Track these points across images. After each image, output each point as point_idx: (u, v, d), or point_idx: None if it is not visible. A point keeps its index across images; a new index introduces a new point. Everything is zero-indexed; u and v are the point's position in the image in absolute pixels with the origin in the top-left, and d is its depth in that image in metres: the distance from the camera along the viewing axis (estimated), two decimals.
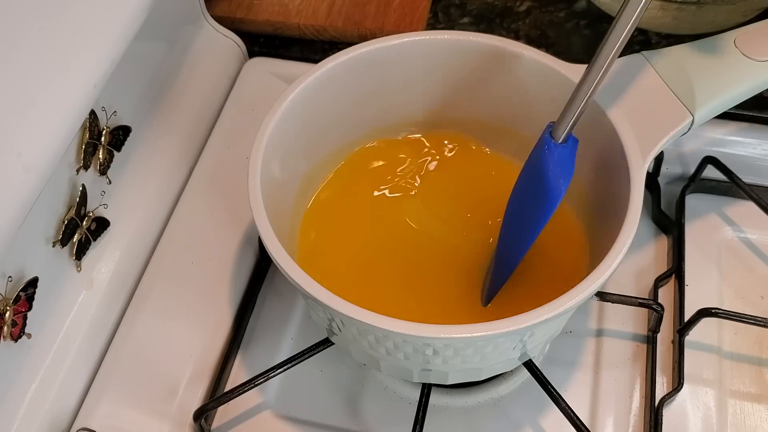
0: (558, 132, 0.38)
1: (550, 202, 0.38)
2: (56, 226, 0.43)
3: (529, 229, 0.39)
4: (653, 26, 0.57)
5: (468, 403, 0.45)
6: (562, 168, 0.38)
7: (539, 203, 0.38)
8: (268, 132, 0.41)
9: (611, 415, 0.44)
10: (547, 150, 0.38)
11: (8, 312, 0.39)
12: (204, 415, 0.43)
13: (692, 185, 0.51)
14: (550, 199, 0.38)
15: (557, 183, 0.38)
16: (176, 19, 0.53)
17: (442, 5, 0.60)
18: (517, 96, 0.45)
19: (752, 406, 0.44)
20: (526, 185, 0.40)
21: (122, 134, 0.47)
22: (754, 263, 0.49)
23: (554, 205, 0.38)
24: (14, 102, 0.34)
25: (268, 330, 0.48)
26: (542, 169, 0.38)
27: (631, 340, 0.46)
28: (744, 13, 0.55)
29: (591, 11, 0.59)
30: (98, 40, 0.39)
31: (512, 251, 0.41)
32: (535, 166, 0.39)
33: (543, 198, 0.38)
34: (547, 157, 0.38)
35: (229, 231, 0.50)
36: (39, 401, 0.43)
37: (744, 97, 0.42)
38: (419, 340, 0.35)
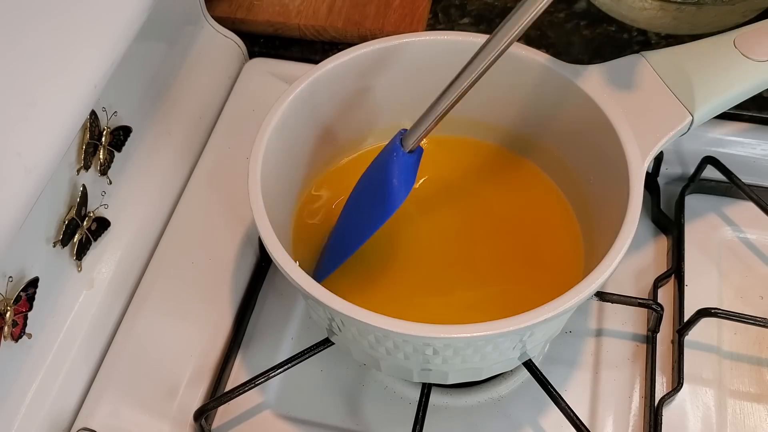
0: (408, 141, 0.39)
1: (389, 207, 0.40)
2: (57, 226, 0.43)
3: (367, 226, 0.41)
4: (653, 27, 0.57)
5: (468, 402, 0.45)
6: (406, 175, 0.40)
7: (379, 206, 0.40)
8: (268, 132, 0.41)
9: (611, 414, 0.44)
10: (395, 157, 0.39)
11: (9, 312, 0.39)
12: (204, 414, 0.43)
13: (692, 185, 0.51)
14: (390, 204, 0.40)
15: (399, 191, 0.40)
16: (176, 20, 0.53)
17: (442, 6, 0.60)
18: (517, 96, 0.45)
19: (752, 406, 0.44)
20: (370, 184, 0.42)
21: (123, 134, 0.47)
22: (753, 263, 0.49)
23: (393, 209, 0.40)
24: (15, 102, 0.34)
25: (269, 330, 0.48)
26: (387, 175, 0.40)
27: (631, 340, 0.46)
28: (743, 14, 0.55)
29: (591, 12, 0.59)
30: (99, 40, 0.39)
31: (347, 242, 0.42)
32: (381, 169, 0.40)
33: (383, 202, 0.40)
34: (393, 164, 0.39)
35: (230, 231, 0.50)
36: (39, 401, 0.43)
37: (743, 97, 0.42)
38: (419, 340, 0.35)
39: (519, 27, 0.35)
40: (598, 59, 0.42)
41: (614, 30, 0.57)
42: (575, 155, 0.45)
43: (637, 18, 0.57)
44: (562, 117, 0.44)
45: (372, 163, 0.42)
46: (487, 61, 0.37)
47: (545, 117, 0.45)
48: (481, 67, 0.37)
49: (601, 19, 0.58)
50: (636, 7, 0.56)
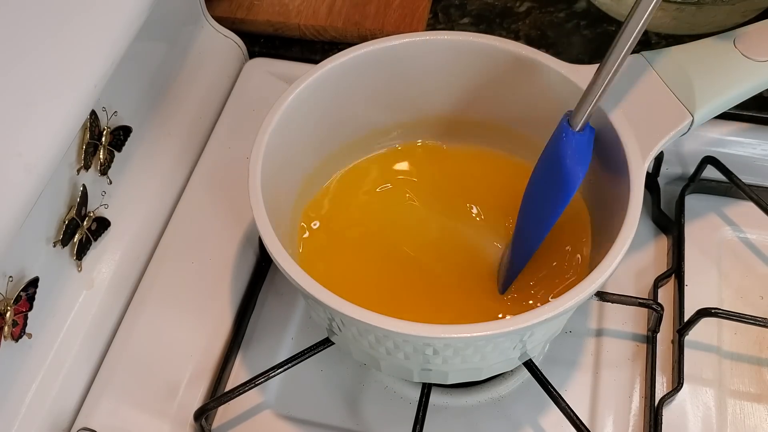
0: (575, 120, 0.38)
1: (568, 188, 0.39)
2: (57, 226, 0.43)
3: (547, 216, 0.40)
4: (653, 26, 0.57)
5: (468, 402, 0.45)
6: (580, 155, 0.39)
7: (557, 190, 0.39)
8: (269, 132, 0.41)
9: (611, 414, 0.44)
10: (564, 138, 0.39)
11: (9, 312, 0.39)
12: (204, 414, 0.43)
13: (692, 185, 0.51)
14: (568, 185, 0.39)
15: (575, 170, 0.38)
16: (176, 20, 0.53)
17: (442, 6, 0.60)
18: (517, 96, 0.45)
19: (752, 406, 0.44)
20: (543, 173, 0.41)
21: (123, 134, 0.47)
22: (753, 263, 0.49)
23: (572, 191, 0.39)
24: (15, 102, 0.34)
25: (269, 330, 0.48)
26: (560, 157, 0.39)
27: (631, 340, 0.46)
28: (743, 14, 0.55)
29: (591, 12, 0.59)
30: (99, 40, 0.39)
31: (530, 238, 0.41)
32: (552, 153, 0.39)
33: (560, 184, 0.39)
34: (564, 144, 0.39)
35: (230, 231, 0.50)
36: (40, 401, 0.43)
37: (744, 98, 0.42)
38: (419, 340, 0.35)
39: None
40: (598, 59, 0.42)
41: (614, 30, 0.57)
42: None
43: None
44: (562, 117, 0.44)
45: (542, 155, 0.41)
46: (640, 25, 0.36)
47: (545, 117, 0.45)
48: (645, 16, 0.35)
49: (601, 19, 0.58)
50: None
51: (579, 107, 0.38)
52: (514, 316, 0.34)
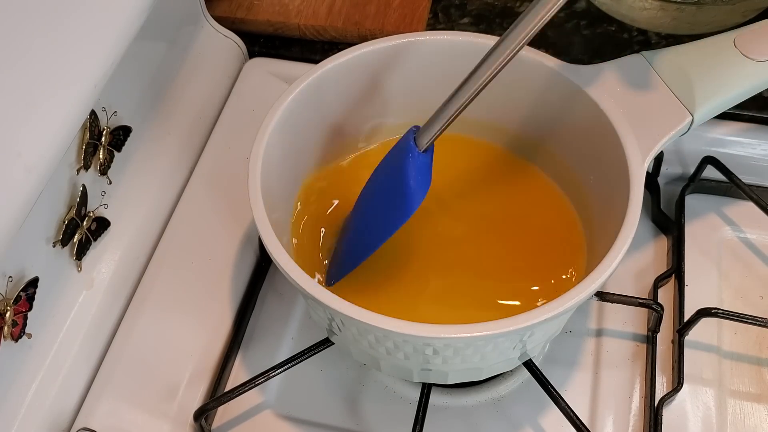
0: (422, 140, 0.39)
1: (407, 210, 0.39)
2: (57, 226, 0.43)
3: (383, 230, 0.40)
4: (653, 26, 0.57)
5: (468, 402, 0.45)
6: (423, 177, 0.39)
7: (396, 208, 0.39)
8: (269, 132, 0.41)
9: (611, 414, 0.44)
10: (410, 158, 0.39)
11: (9, 312, 0.39)
12: (204, 414, 0.43)
13: (692, 185, 0.51)
14: (407, 206, 0.39)
15: (416, 192, 0.39)
16: (176, 20, 0.53)
17: (442, 5, 0.60)
18: (517, 96, 0.45)
19: (752, 406, 0.44)
20: (384, 185, 0.41)
21: (122, 134, 0.47)
22: (753, 263, 0.49)
23: (411, 211, 0.39)
24: (15, 102, 0.34)
25: (269, 330, 0.48)
26: (405, 176, 0.39)
27: (631, 340, 0.46)
28: (743, 13, 0.55)
29: (591, 11, 0.59)
30: (98, 40, 0.39)
31: (362, 246, 0.42)
32: (396, 170, 0.40)
33: (402, 203, 0.39)
34: (409, 165, 0.39)
35: (230, 231, 0.50)
36: (39, 401, 0.43)
37: (744, 97, 0.42)
38: (419, 340, 0.35)
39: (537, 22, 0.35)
40: (598, 59, 0.42)
41: (614, 30, 0.57)
42: (575, 155, 0.45)
43: (637, 18, 0.57)
44: (562, 117, 0.44)
45: (384, 163, 0.42)
46: (503, 59, 0.36)
47: (545, 117, 0.45)
48: (498, 63, 0.36)
49: (601, 19, 0.58)
50: (636, 6, 0.56)
51: (427, 128, 0.38)
52: (514, 316, 0.34)
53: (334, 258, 0.44)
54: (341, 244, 0.44)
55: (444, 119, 0.38)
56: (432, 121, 0.38)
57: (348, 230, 0.44)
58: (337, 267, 0.43)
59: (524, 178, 0.47)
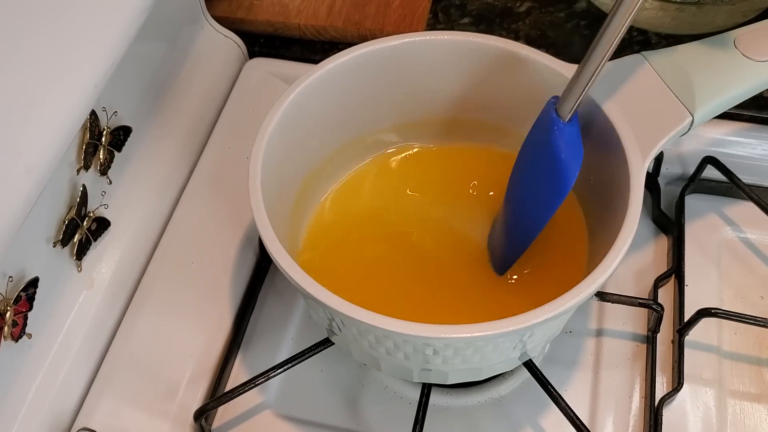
0: (565, 110, 0.37)
1: (566, 183, 0.38)
2: (57, 226, 0.43)
3: (543, 209, 0.39)
4: (653, 26, 0.57)
5: (468, 403, 0.45)
6: (574, 148, 0.37)
7: (552, 184, 0.38)
8: (269, 132, 0.41)
9: (611, 414, 0.44)
10: (557, 131, 0.37)
11: (9, 312, 0.39)
12: (204, 414, 0.43)
13: (692, 185, 0.51)
14: (565, 180, 0.37)
15: (571, 164, 0.37)
16: (176, 20, 0.53)
17: (442, 6, 0.60)
18: (518, 97, 0.45)
19: (752, 406, 0.44)
20: (535, 165, 0.39)
21: (123, 134, 0.47)
22: (753, 263, 0.49)
23: (569, 185, 0.38)
24: (15, 102, 0.34)
25: (269, 330, 0.48)
26: (554, 151, 0.37)
27: (631, 340, 0.46)
28: (744, 14, 0.55)
29: (591, 12, 0.59)
30: (99, 40, 0.39)
31: (526, 229, 0.41)
32: (544, 146, 0.38)
33: (557, 179, 0.38)
34: (558, 138, 0.37)
35: (230, 231, 0.50)
36: (39, 401, 0.43)
37: (744, 98, 0.42)
38: (419, 340, 0.35)
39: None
40: None
41: None
42: None
43: (637, 18, 0.56)
44: None
45: (528, 142, 0.40)
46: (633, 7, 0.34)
47: None
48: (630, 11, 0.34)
49: (601, 19, 0.58)
50: None
51: (567, 96, 0.37)
52: (514, 316, 0.34)
53: (497, 247, 0.43)
54: (502, 232, 0.43)
55: (583, 83, 0.36)
56: (570, 87, 0.37)
57: (506, 216, 0.42)
58: (503, 256, 0.42)
59: None
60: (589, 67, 0.36)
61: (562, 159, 0.37)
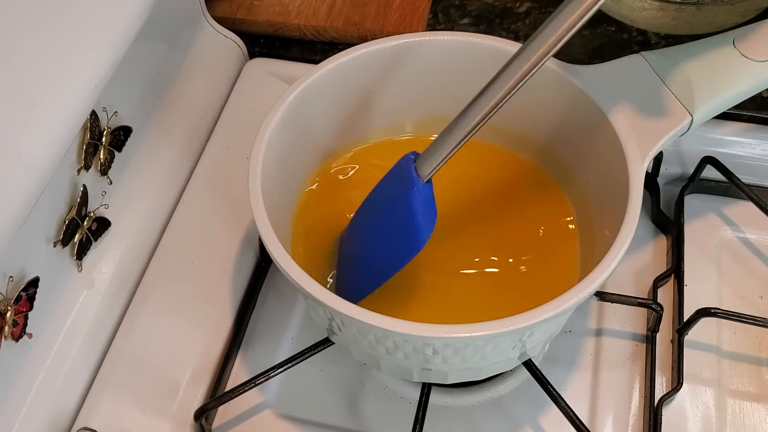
0: (425, 171, 0.37)
1: (416, 246, 0.37)
2: (57, 226, 0.43)
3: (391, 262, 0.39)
4: (652, 27, 0.57)
5: (468, 402, 0.45)
6: (430, 210, 0.37)
7: (404, 241, 0.38)
8: (269, 132, 0.41)
9: (610, 414, 0.44)
10: (415, 192, 0.37)
11: (9, 312, 0.39)
12: (205, 414, 0.43)
13: (691, 185, 0.51)
14: (417, 241, 0.37)
15: (425, 227, 0.37)
16: (177, 20, 0.53)
17: (442, 6, 0.60)
18: (516, 97, 0.45)
19: (751, 406, 0.44)
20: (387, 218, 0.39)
21: (123, 134, 0.47)
22: (753, 263, 0.49)
23: (418, 248, 0.37)
24: (15, 102, 0.34)
25: (269, 329, 0.48)
26: (410, 212, 0.37)
27: (631, 340, 0.47)
28: (743, 14, 0.55)
29: None
30: (99, 40, 0.39)
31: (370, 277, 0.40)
32: (399, 203, 0.38)
33: (409, 238, 0.37)
34: (415, 199, 0.37)
35: (230, 231, 0.50)
36: (40, 401, 0.43)
37: (743, 98, 0.42)
38: (419, 340, 0.35)
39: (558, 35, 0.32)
40: (597, 59, 0.42)
41: (614, 30, 0.57)
42: (575, 154, 0.45)
43: (636, 18, 0.57)
44: (562, 117, 0.44)
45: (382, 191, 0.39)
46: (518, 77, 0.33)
47: (544, 117, 0.45)
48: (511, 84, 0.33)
49: (600, 19, 0.58)
50: (636, 7, 0.56)
51: (429, 158, 0.36)
52: (514, 315, 0.35)
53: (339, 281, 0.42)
54: (345, 269, 0.42)
55: (448, 148, 0.36)
56: (434, 149, 0.36)
57: (350, 257, 0.42)
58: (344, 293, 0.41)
59: (523, 177, 0.47)
60: (454, 134, 0.36)
61: (419, 221, 0.37)
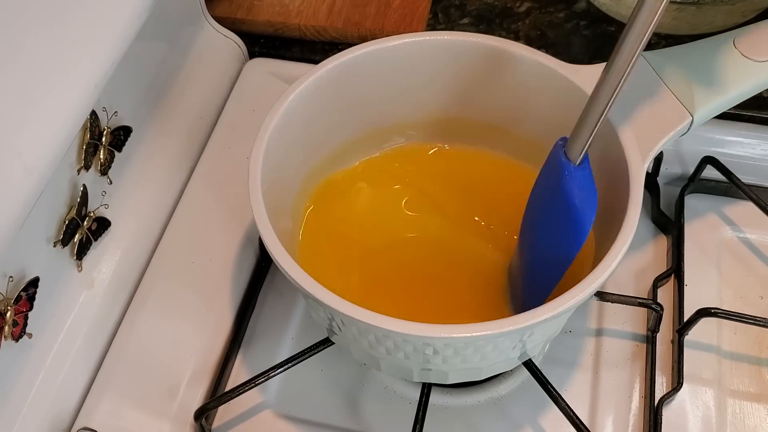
0: (574, 153, 0.35)
1: (581, 232, 0.36)
2: (57, 226, 0.43)
3: (559, 259, 0.37)
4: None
5: (468, 402, 0.45)
6: (588, 193, 0.35)
7: (568, 232, 0.36)
8: (269, 132, 0.41)
9: (611, 414, 0.44)
10: (568, 177, 0.35)
11: (9, 312, 0.39)
12: (205, 414, 0.43)
13: (691, 185, 0.51)
14: (581, 228, 0.36)
15: (585, 211, 0.35)
16: (177, 20, 0.53)
17: (442, 6, 0.60)
18: (517, 97, 0.45)
19: (751, 406, 0.44)
20: (547, 213, 0.37)
21: (123, 134, 0.47)
22: (753, 263, 0.49)
23: (585, 234, 0.36)
24: (15, 102, 0.34)
25: (269, 329, 0.48)
26: (566, 198, 0.35)
27: (631, 340, 0.47)
28: (743, 14, 0.55)
29: (591, 12, 0.59)
30: (99, 40, 0.39)
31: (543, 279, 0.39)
32: (555, 192, 0.36)
33: (572, 227, 0.36)
34: (569, 183, 0.35)
35: (230, 231, 0.50)
36: (40, 401, 0.43)
37: (743, 98, 0.42)
38: (419, 340, 0.35)
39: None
40: (598, 59, 0.42)
41: (614, 30, 0.57)
42: None
43: None
44: (562, 117, 0.44)
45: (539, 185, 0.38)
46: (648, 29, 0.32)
47: (544, 117, 0.45)
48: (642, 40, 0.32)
49: (601, 19, 0.58)
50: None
51: (576, 137, 0.35)
52: (514, 315, 0.34)
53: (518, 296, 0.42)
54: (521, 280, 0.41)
55: (592, 123, 0.34)
56: (578, 128, 0.35)
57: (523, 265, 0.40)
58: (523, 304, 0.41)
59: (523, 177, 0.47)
60: (597, 104, 0.34)
61: (576, 206, 0.35)
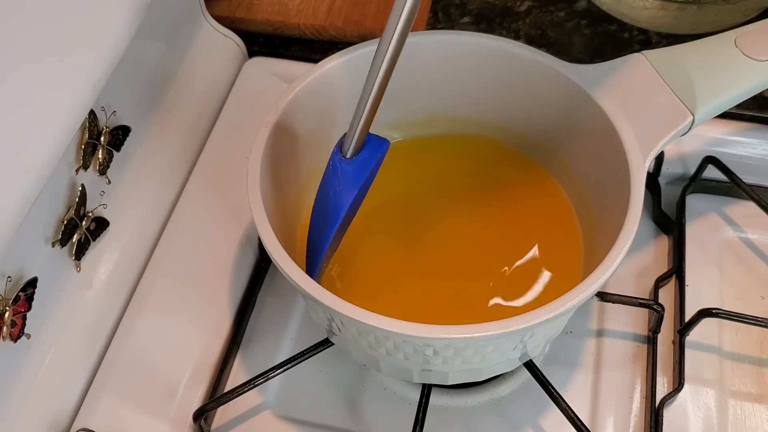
0: (345, 146, 0.39)
1: (335, 215, 0.39)
2: (55, 226, 0.43)
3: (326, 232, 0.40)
4: (654, 26, 0.57)
5: (468, 403, 0.45)
6: (345, 184, 0.39)
7: (329, 213, 0.40)
8: (268, 132, 0.41)
9: (612, 415, 0.44)
10: (331, 167, 0.39)
11: (7, 312, 0.39)
12: (204, 415, 0.43)
13: (693, 185, 0.51)
14: (334, 213, 0.39)
15: (339, 199, 0.39)
16: (176, 19, 0.53)
17: (442, 5, 0.60)
18: (517, 96, 0.45)
19: (753, 407, 0.44)
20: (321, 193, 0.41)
21: (122, 134, 0.47)
22: (754, 263, 0.49)
23: (337, 218, 0.39)
24: (14, 102, 0.34)
25: (268, 330, 0.48)
26: (327, 186, 0.39)
27: (632, 341, 0.46)
28: (744, 13, 0.55)
29: (591, 11, 0.59)
30: (98, 39, 0.39)
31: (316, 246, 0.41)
32: (325, 179, 0.40)
33: (330, 211, 0.39)
34: (331, 174, 0.39)
35: (229, 231, 0.50)
36: (38, 401, 0.43)
37: (744, 97, 0.42)
38: (419, 341, 0.35)
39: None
40: (598, 58, 0.42)
41: (615, 29, 0.57)
42: (576, 154, 0.45)
43: (638, 17, 0.57)
44: (563, 116, 0.44)
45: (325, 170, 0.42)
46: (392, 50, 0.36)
47: (545, 116, 0.45)
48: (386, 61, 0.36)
49: (601, 19, 0.58)
50: (637, 6, 0.56)
51: (348, 133, 0.38)
52: (514, 316, 0.34)
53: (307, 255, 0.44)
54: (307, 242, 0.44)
55: (357, 121, 0.38)
56: (351, 126, 0.38)
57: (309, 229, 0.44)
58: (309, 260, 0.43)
59: (523, 176, 0.47)
60: (361, 100, 0.37)
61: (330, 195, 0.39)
